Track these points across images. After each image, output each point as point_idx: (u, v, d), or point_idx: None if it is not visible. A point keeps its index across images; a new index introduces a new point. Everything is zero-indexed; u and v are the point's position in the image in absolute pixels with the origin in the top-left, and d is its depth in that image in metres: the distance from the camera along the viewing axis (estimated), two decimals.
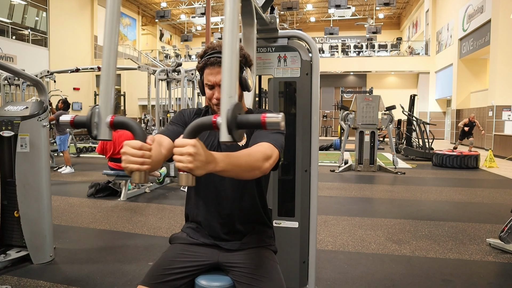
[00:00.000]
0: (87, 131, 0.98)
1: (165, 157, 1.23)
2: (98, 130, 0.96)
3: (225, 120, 0.84)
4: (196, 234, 1.36)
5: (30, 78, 2.80)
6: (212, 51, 1.27)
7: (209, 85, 1.28)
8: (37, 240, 2.77)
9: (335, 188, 6.09)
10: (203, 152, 0.88)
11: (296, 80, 2.02)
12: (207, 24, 11.86)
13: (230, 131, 0.83)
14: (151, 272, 1.25)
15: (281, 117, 0.85)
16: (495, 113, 12.02)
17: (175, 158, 0.88)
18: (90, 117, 0.95)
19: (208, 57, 1.27)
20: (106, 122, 0.95)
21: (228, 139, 0.84)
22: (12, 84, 7.81)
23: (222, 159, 0.96)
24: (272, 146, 1.16)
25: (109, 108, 0.97)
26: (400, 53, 21.89)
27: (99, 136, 0.96)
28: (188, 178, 0.88)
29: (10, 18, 15.84)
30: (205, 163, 0.89)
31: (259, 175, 1.10)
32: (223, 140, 0.84)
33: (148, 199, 5.21)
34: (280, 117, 0.85)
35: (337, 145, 11.97)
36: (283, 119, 0.86)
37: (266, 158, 1.11)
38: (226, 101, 0.85)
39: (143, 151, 0.89)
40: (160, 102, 6.66)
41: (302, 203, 2.06)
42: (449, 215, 4.41)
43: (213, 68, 1.26)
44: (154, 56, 23.87)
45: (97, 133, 0.96)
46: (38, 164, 2.73)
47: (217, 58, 1.25)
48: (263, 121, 0.85)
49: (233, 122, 0.83)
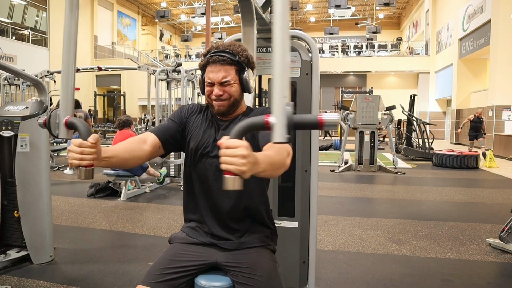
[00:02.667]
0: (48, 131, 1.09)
1: (149, 153, 1.28)
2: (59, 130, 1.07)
3: (281, 121, 0.83)
4: (195, 234, 1.36)
5: (30, 78, 2.80)
6: (216, 49, 1.28)
7: (209, 82, 1.29)
8: (37, 240, 2.77)
9: (335, 188, 6.09)
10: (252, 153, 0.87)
11: (296, 80, 2.02)
12: (207, 24, 11.86)
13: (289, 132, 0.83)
14: (151, 272, 1.25)
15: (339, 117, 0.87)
16: (495, 113, 12.02)
17: (225, 160, 0.84)
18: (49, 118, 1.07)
19: (211, 55, 1.27)
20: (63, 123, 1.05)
21: (284, 140, 0.83)
22: (12, 84, 7.81)
23: (263, 159, 0.95)
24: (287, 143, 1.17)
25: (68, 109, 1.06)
26: (400, 53, 21.90)
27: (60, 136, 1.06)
28: (235, 181, 0.84)
29: (10, 18, 15.85)
30: (253, 164, 0.87)
31: (282, 172, 1.10)
32: (278, 140, 0.83)
33: (148, 199, 5.21)
34: (337, 117, 0.85)
35: (337, 145, 11.97)
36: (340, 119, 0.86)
37: (288, 155, 1.11)
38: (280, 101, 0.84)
39: (82, 148, 0.98)
40: (160, 102, 6.65)
41: (302, 203, 2.06)
42: (449, 215, 4.41)
43: (215, 66, 1.26)
44: (154, 56, 23.88)
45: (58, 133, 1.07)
46: (38, 164, 2.73)
47: (219, 56, 1.25)
48: (321, 121, 0.85)
49: (291, 123, 0.83)
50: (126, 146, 1.22)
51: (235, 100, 1.31)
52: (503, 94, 11.83)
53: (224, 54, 1.26)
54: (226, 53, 1.27)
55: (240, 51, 1.29)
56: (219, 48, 1.28)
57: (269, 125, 0.85)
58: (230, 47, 1.28)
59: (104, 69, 7.91)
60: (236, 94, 1.30)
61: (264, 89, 8.37)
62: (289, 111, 0.83)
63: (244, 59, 1.29)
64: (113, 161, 1.14)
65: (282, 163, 1.06)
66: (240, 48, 1.30)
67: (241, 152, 0.83)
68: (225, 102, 1.29)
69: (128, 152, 1.20)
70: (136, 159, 1.23)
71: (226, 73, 1.26)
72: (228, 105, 1.30)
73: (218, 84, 1.27)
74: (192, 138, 1.35)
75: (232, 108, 1.32)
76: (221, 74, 1.26)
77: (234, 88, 1.29)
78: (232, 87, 1.28)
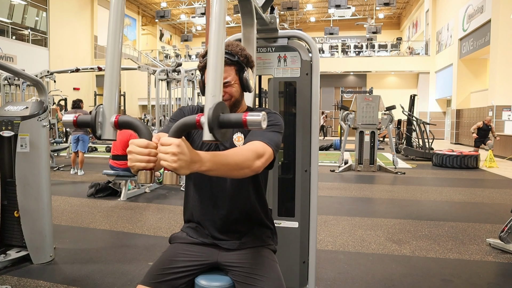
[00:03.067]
0: (91, 131, 0.98)
1: None
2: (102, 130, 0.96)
3: (207, 119, 0.84)
4: (195, 234, 1.36)
5: (30, 78, 2.80)
6: None
7: None
8: (37, 240, 2.77)
9: (335, 188, 6.09)
10: (188, 151, 0.88)
11: (296, 80, 2.02)
12: (207, 24, 11.86)
13: (212, 130, 0.83)
14: (151, 272, 1.25)
15: (262, 116, 0.84)
16: (495, 113, 12.02)
17: (159, 157, 0.88)
18: (95, 116, 0.95)
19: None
20: (111, 122, 0.96)
21: (210, 138, 0.84)
22: (12, 84, 7.81)
23: (208, 158, 0.95)
24: (264, 144, 1.16)
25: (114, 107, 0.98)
26: (400, 53, 21.90)
27: (104, 136, 0.97)
28: (173, 177, 0.88)
29: (10, 18, 15.85)
30: (189, 162, 0.88)
31: (249, 174, 1.09)
32: (206, 139, 0.85)
33: (148, 199, 5.21)
34: (261, 116, 0.84)
35: (337, 145, 11.97)
36: (264, 119, 0.85)
37: (257, 157, 1.10)
38: (209, 100, 0.86)
39: (149, 149, 0.89)
40: (160, 102, 6.65)
41: (302, 203, 2.06)
42: (449, 215, 4.41)
43: None
44: (154, 56, 23.88)
45: (102, 133, 0.96)
46: (38, 164, 2.73)
47: None
48: (244, 120, 0.85)
49: (215, 121, 0.83)
50: None
51: (236, 101, 1.31)
52: (503, 94, 11.83)
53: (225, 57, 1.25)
54: (225, 53, 1.25)
55: (239, 50, 1.29)
56: None
57: (199, 124, 0.86)
58: (228, 47, 1.28)
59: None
60: (236, 94, 1.30)
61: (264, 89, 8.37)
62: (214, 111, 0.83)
63: (243, 58, 1.29)
64: None
65: (242, 165, 1.05)
66: (239, 48, 1.30)
67: (171, 149, 0.85)
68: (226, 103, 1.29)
69: None
70: None
71: (226, 73, 1.25)
72: (229, 106, 1.30)
73: None
74: (194, 140, 1.35)
75: (234, 109, 1.32)
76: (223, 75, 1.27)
77: (235, 89, 1.29)
78: (232, 88, 1.28)
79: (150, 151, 0.89)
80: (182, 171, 0.87)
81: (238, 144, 1.30)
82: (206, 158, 0.94)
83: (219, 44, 0.88)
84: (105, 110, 0.97)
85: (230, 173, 1.05)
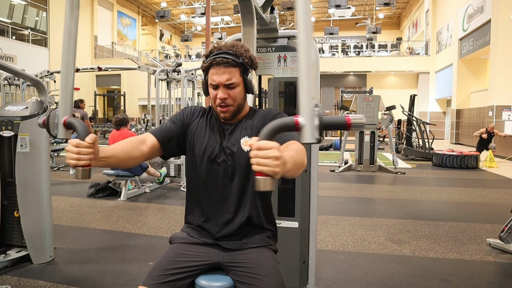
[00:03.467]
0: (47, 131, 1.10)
1: (147, 154, 1.29)
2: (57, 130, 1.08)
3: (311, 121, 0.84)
4: (196, 234, 1.36)
5: (30, 78, 2.80)
6: (218, 51, 1.26)
7: (213, 85, 1.27)
8: (37, 240, 2.77)
9: (335, 188, 6.08)
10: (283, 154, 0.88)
11: (296, 80, 2.02)
12: (207, 24, 11.86)
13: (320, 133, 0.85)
14: (152, 273, 1.24)
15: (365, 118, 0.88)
16: (495, 113, 12.02)
17: (256, 162, 0.85)
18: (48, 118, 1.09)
19: (214, 56, 1.25)
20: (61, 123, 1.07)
21: (314, 141, 0.85)
22: (12, 84, 7.81)
23: (289, 159, 0.95)
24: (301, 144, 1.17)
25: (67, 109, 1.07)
26: (400, 53, 21.89)
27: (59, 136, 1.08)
28: (267, 182, 0.84)
29: (10, 18, 15.84)
30: (284, 165, 0.87)
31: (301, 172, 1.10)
32: (308, 141, 0.85)
33: (148, 199, 5.21)
34: (364, 118, 0.88)
35: (337, 145, 11.97)
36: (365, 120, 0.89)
37: (305, 155, 1.11)
38: (308, 102, 0.85)
39: (79, 148, 0.99)
40: (160, 102, 6.66)
41: (302, 203, 2.06)
42: (449, 215, 4.41)
43: (219, 68, 1.24)
44: (154, 56, 23.87)
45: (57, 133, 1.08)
46: (38, 164, 2.73)
47: (223, 58, 1.23)
48: (349, 122, 0.87)
49: (321, 123, 0.84)
50: (123, 146, 1.22)
51: (239, 105, 1.31)
52: (503, 94, 11.83)
53: (228, 56, 1.24)
54: (230, 54, 1.25)
55: (244, 52, 1.27)
56: (222, 49, 1.26)
57: (299, 125, 0.86)
58: (233, 48, 1.26)
59: (104, 69, 7.91)
60: (240, 97, 1.29)
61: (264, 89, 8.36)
62: (319, 112, 0.84)
63: (248, 60, 1.28)
64: (110, 161, 1.14)
65: (303, 163, 1.07)
66: (244, 49, 1.28)
67: (274, 153, 0.84)
68: (229, 108, 1.29)
69: (125, 153, 1.21)
70: (134, 159, 1.24)
71: (230, 75, 1.24)
72: (233, 111, 1.30)
73: (223, 86, 1.26)
74: (197, 142, 1.34)
75: (237, 113, 1.33)
76: (226, 76, 1.24)
77: (238, 90, 1.28)
78: (236, 90, 1.27)
79: (79, 150, 0.99)
80: (279, 175, 0.86)
81: (245, 148, 1.30)
82: (287, 159, 0.93)
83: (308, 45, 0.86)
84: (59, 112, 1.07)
85: (296, 172, 1.04)
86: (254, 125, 1.33)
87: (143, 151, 1.27)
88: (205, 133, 1.34)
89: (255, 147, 0.85)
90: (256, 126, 1.33)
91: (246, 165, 1.28)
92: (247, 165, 1.27)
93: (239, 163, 1.30)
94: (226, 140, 1.32)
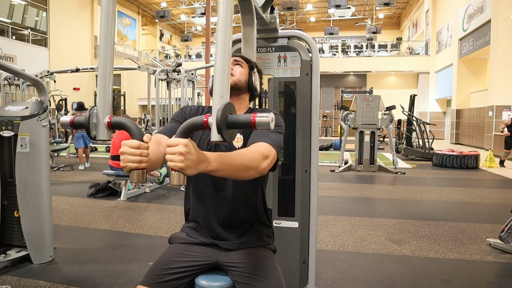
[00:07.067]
0: (86, 132, 1.00)
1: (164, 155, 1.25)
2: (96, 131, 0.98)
3: (215, 120, 0.84)
4: (195, 234, 1.36)
5: (30, 78, 2.80)
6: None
7: None
8: (37, 240, 2.77)
9: (335, 188, 6.08)
10: (195, 151, 0.88)
11: (296, 80, 2.02)
12: (207, 24, 11.86)
13: (220, 131, 0.83)
14: (151, 272, 1.25)
15: (271, 117, 0.84)
16: (495, 113, 12.02)
17: (167, 158, 0.88)
18: (88, 118, 0.97)
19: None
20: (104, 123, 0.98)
21: (218, 139, 0.84)
22: (12, 84, 7.81)
23: (214, 158, 0.95)
24: (269, 146, 1.15)
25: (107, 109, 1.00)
26: (400, 53, 21.89)
27: (98, 137, 0.99)
28: (180, 177, 0.87)
29: (10, 18, 15.84)
30: (196, 162, 0.88)
31: (255, 175, 1.09)
32: (214, 139, 0.85)
33: (148, 199, 5.21)
34: (269, 117, 0.84)
35: (337, 145, 11.97)
36: (273, 119, 0.85)
37: (263, 158, 1.09)
38: (217, 101, 0.86)
39: (140, 149, 0.91)
40: (160, 102, 6.65)
41: (302, 203, 2.06)
42: (449, 215, 4.41)
43: None
44: (154, 56, 23.87)
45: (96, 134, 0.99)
46: (38, 164, 2.73)
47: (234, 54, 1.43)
48: (253, 121, 0.85)
49: (223, 122, 0.83)
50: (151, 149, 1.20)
51: (240, 82, 1.37)
52: (503, 94, 11.83)
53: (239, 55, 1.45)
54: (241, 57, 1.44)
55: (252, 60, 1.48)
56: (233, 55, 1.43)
57: (207, 124, 0.86)
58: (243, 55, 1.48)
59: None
60: (242, 77, 1.38)
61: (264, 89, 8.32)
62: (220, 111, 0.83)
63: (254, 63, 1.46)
64: None
65: (249, 166, 1.05)
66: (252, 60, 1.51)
67: (178, 149, 0.86)
68: (232, 77, 1.36)
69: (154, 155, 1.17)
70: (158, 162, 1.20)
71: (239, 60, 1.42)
72: (233, 81, 1.36)
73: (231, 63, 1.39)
74: (195, 139, 1.35)
75: (235, 90, 1.36)
76: (235, 59, 1.42)
77: (243, 71, 1.39)
78: (242, 69, 1.39)
79: (141, 151, 0.91)
80: (189, 171, 0.87)
81: (237, 145, 1.30)
82: (212, 158, 0.94)
83: (226, 44, 0.88)
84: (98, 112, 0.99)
85: (237, 174, 1.04)
86: None
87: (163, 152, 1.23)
88: (202, 131, 1.35)
89: (167, 144, 0.88)
90: None
91: None
92: None
93: None
94: None
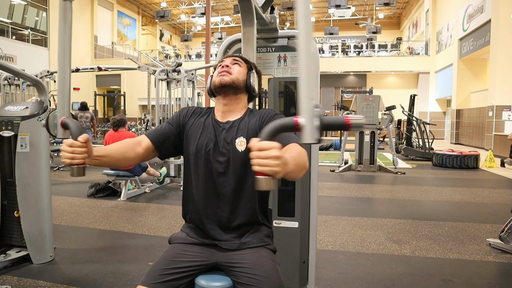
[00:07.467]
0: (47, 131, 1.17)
1: (142, 155, 1.34)
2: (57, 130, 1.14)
3: (311, 122, 0.83)
4: (195, 234, 1.36)
5: (30, 78, 2.80)
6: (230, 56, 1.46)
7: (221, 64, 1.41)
8: (37, 240, 2.77)
9: (335, 188, 6.08)
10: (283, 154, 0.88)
11: (296, 80, 2.02)
12: (207, 24, 11.86)
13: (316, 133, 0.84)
14: (151, 272, 1.25)
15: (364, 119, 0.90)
16: (495, 113, 12.02)
17: (257, 162, 0.85)
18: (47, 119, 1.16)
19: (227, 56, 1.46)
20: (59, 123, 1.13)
21: (314, 141, 0.84)
22: (12, 84, 7.81)
23: (290, 160, 0.95)
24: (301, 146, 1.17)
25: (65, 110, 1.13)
26: (400, 53, 21.89)
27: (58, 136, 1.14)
28: (269, 182, 0.85)
29: (10, 18, 15.84)
30: (285, 165, 0.88)
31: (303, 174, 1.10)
32: (308, 141, 0.85)
33: (148, 199, 5.21)
34: (363, 119, 0.88)
35: (337, 145, 11.97)
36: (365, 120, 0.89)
37: (307, 157, 1.11)
38: (308, 103, 0.85)
39: (73, 148, 1.04)
40: (160, 102, 6.65)
41: (302, 203, 2.06)
42: (449, 215, 4.41)
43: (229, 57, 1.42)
44: (154, 56, 23.87)
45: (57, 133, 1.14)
46: (38, 164, 2.73)
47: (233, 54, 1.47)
48: (348, 122, 0.86)
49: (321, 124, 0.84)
50: (118, 147, 1.28)
51: (238, 81, 1.37)
52: (503, 94, 11.82)
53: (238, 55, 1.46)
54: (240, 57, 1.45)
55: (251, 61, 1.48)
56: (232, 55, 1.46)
57: (299, 126, 0.86)
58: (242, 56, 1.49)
59: (104, 69, 7.92)
60: (241, 76, 1.38)
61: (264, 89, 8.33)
62: (319, 113, 0.84)
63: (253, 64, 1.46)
64: (104, 160, 1.20)
65: (304, 165, 1.06)
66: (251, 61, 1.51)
67: (274, 153, 0.84)
68: (229, 75, 1.37)
69: (120, 153, 1.26)
70: (129, 160, 1.29)
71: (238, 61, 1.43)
72: (231, 79, 1.36)
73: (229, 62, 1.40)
74: (192, 140, 1.35)
75: (232, 88, 1.36)
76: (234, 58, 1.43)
77: (242, 70, 1.39)
78: (240, 68, 1.39)
79: (73, 149, 1.05)
80: (280, 175, 0.86)
81: (240, 148, 1.30)
82: (289, 160, 0.94)
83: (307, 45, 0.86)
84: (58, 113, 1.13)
85: (298, 174, 1.03)
86: (251, 126, 1.33)
87: (138, 152, 1.32)
88: (200, 131, 1.36)
89: (256, 148, 0.86)
90: (253, 126, 1.33)
91: (241, 164, 1.29)
92: (241, 164, 1.29)
93: (233, 162, 1.30)
94: (221, 138, 1.33)
